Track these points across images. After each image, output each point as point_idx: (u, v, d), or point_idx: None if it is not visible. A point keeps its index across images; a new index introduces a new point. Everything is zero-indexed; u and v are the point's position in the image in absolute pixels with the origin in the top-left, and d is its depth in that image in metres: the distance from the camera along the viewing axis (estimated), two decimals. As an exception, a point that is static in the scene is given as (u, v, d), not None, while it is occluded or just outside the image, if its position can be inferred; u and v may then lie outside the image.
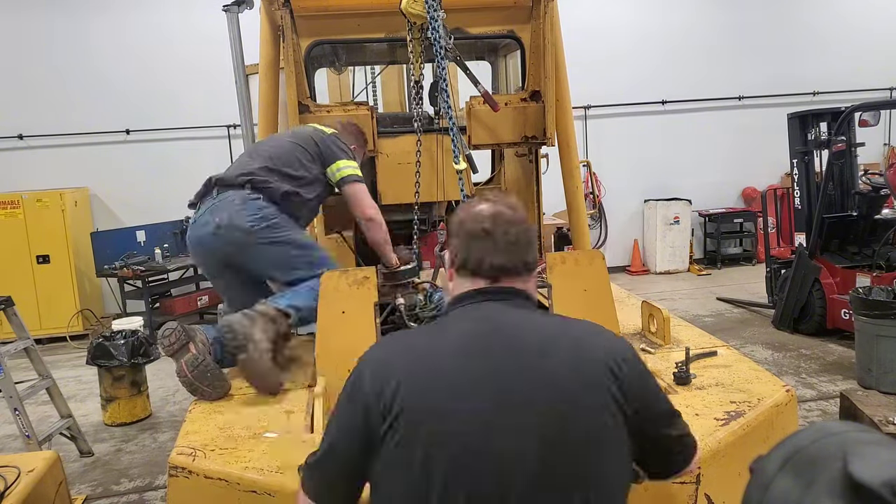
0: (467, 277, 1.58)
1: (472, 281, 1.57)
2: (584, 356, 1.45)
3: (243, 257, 3.21)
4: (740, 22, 10.56)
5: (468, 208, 1.63)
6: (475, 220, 1.56)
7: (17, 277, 8.04)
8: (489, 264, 1.54)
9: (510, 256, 1.55)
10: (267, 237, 3.15)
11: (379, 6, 3.82)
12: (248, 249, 3.16)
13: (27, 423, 4.50)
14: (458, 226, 1.60)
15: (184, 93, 9.18)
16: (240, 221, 3.12)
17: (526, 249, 1.58)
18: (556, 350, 1.45)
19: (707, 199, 10.68)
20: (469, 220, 1.58)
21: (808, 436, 0.89)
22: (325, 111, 3.92)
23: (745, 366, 2.89)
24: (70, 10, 9.10)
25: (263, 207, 3.17)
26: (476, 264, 1.55)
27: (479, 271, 1.55)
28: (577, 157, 4.38)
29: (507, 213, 1.57)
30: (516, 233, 1.56)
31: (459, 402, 1.39)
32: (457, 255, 1.59)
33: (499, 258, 1.54)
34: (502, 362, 1.42)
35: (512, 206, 1.61)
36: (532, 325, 1.53)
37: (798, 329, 6.85)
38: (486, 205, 1.60)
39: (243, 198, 3.17)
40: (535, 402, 1.38)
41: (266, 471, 2.15)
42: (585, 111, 10.21)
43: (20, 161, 9.17)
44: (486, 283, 1.55)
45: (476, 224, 1.56)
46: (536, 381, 1.41)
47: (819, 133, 6.82)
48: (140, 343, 5.55)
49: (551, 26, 3.90)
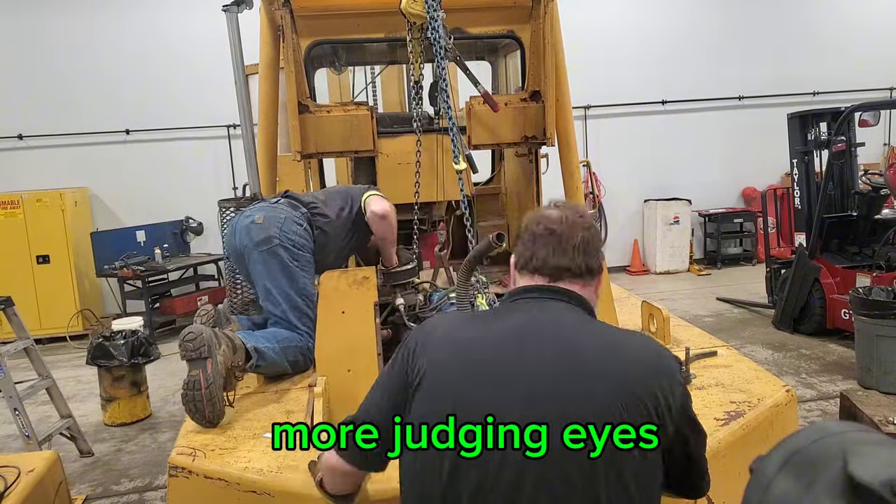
0: (528, 276, 1.58)
1: (531, 279, 1.57)
2: (630, 372, 1.40)
3: (248, 260, 3.19)
4: (740, 22, 10.56)
5: (537, 213, 1.64)
6: (543, 221, 1.58)
7: (16, 277, 8.05)
8: (553, 265, 1.54)
9: (574, 259, 1.54)
10: (276, 256, 3.11)
11: (379, 6, 3.82)
12: (251, 254, 3.15)
13: (27, 423, 4.50)
14: (524, 228, 1.62)
15: (184, 93, 9.18)
16: (270, 228, 3.13)
17: (591, 254, 1.57)
18: (600, 361, 1.41)
19: (707, 199, 10.69)
20: (536, 221, 1.60)
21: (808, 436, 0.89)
22: (325, 111, 3.92)
23: (745, 366, 2.89)
24: (70, 10, 9.10)
25: (300, 234, 3.18)
26: (540, 263, 1.55)
27: (541, 270, 1.56)
28: (577, 157, 4.37)
29: (575, 217, 1.58)
30: (582, 237, 1.56)
31: (480, 393, 1.39)
32: (520, 255, 1.60)
33: (562, 259, 1.54)
34: (537, 365, 1.40)
35: (580, 212, 1.62)
36: (579, 331, 1.49)
37: (798, 329, 6.85)
38: (554, 210, 1.61)
39: (290, 216, 3.21)
40: (566, 415, 1.34)
41: (266, 471, 2.15)
42: (585, 111, 10.21)
43: (20, 161, 9.18)
44: (547, 280, 1.55)
45: (543, 225, 1.57)
46: (570, 391, 1.36)
47: (819, 133, 6.82)
48: (140, 343, 5.55)
49: (551, 26, 3.89)
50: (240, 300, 3.65)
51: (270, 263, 3.10)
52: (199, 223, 9.30)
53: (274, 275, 3.09)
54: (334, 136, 3.90)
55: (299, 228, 3.19)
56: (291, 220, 3.18)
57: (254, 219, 3.17)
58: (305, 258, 3.18)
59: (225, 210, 3.67)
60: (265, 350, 2.87)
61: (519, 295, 1.57)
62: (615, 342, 1.48)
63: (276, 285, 3.08)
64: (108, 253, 8.32)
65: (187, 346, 2.58)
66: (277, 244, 3.10)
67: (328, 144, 3.93)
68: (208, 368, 2.55)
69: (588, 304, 1.58)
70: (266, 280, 3.10)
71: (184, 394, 2.53)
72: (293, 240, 3.14)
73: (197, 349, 2.57)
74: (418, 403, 1.47)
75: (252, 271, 3.18)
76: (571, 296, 1.55)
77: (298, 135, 3.83)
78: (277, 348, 2.94)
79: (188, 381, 2.53)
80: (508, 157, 5.02)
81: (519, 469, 1.33)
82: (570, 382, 1.38)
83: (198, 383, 2.52)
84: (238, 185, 9.20)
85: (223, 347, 2.66)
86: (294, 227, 3.17)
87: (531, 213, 1.67)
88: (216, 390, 2.53)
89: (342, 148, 4.01)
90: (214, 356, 2.59)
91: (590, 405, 1.34)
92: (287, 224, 3.16)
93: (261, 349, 2.85)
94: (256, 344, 2.85)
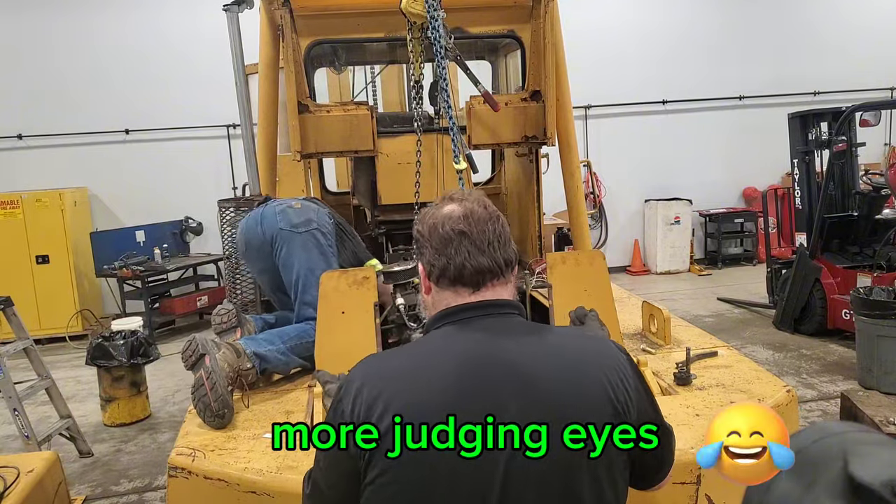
0: (448, 288, 1.44)
1: (454, 291, 1.44)
2: (584, 378, 1.36)
3: (283, 243, 3.17)
4: (740, 22, 10.56)
5: (436, 213, 1.47)
6: (448, 222, 1.43)
7: (16, 277, 8.04)
8: (473, 269, 1.41)
9: (492, 256, 1.42)
10: (315, 239, 3.16)
11: (379, 6, 3.82)
12: (288, 238, 3.15)
13: (26, 423, 4.50)
14: (428, 231, 1.46)
15: (184, 93, 9.18)
16: (309, 213, 3.22)
17: (504, 245, 1.45)
18: (555, 371, 1.35)
19: (707, 199, 10.69)
20: (440, 223, 1.44)
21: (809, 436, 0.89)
22: (325, 111, 3.92)
23: (745, 366, 2.89)
24: (70, 10, 9.10)
25: (330, 225, 3.29)
26: (458, 271, 1.42)
27: (461, 279, 1.42)
28: (578, 156, 4.37)
29: (479, 210, 1.45)
30: (493, 230, 1.44)
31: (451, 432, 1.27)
32: (433, 264, 1.44)
33: (480, 260, 1.41)
34: (499, 392, 1.31)
35: (481, 202, 1.48)
36: (527, 346, 1.39)
37: (799, 329, 6.84)
38: (454, 205, 1.47)
39: (321, 207, 3.35)
40: (564, 417, 1.29)
41: (266, 471, 2.15)
42: (585, 111, 10.21)
43: (20, 161, 9.18)
44: (470, 292, 1.43)
45: (449, 227, 1.43)
46: (535, 409, 1.30)
47: (820, 133, 6.83)
48: (139, 343, 5.54)
49: (551, 26, 3.89)
50: (240, 301, 3.65)
51: (310, 245, 3.15)
52: (198, 223, 9.30)
53: (314, 257, 3.14)
54: (334, 135, 3.90)
55: (329, 221, 3.31)
56: (323, 212, 3.31)
57: (290, 204, 3.25)
58: (333, 249, 3.27)
59: (225, 210, 3.67)
60: (267, 353, 2.88)
61: (449, 318, 1.42)
62: (563, 349, 1.43)
63: (316, 266, 3.10)
64: (107, 253, 8.32)
65: (186, 355, 2.68)
66: (316, 228, 3.18)
67: (328, 144, 3.93)
68: (207, 362, 2.61)
69: (519, 307, 1.49)
70: (305, 262, 3.13)
71: (193, 397, 2.57)
72: (328, 228, 3.25)
73: (193, 351, 2.66)
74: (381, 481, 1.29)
75: (288, 253, 3.13)
76: (502, 305, 1.44)
77: (298, 135, 3.83)
78: (283, 349, 2.94)
79: (193, 383, 2.57)
80: (509, 156, 5.01)
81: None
82: (534, 403, 1.30)
83: (200, 379, 2.56)
84: (238, 185, 9.20)
85: (223, 350, 2.71)
86: (326, 219, 3.29)
87: (428, 213, 1.50)
88: (219, 379, 2.55)
89: (342, 148, 4.01)
90: (212, 353, 2.65)
91: (557, 418, 1.29)
92: (321, 213, 3.27)
93: (261, 353, 2.85)
94: (257, 349, 2.85)
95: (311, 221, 3.17)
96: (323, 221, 3.24)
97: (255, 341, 2.92)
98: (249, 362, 2.78)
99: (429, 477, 1.27)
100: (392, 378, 1.35)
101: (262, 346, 2.89)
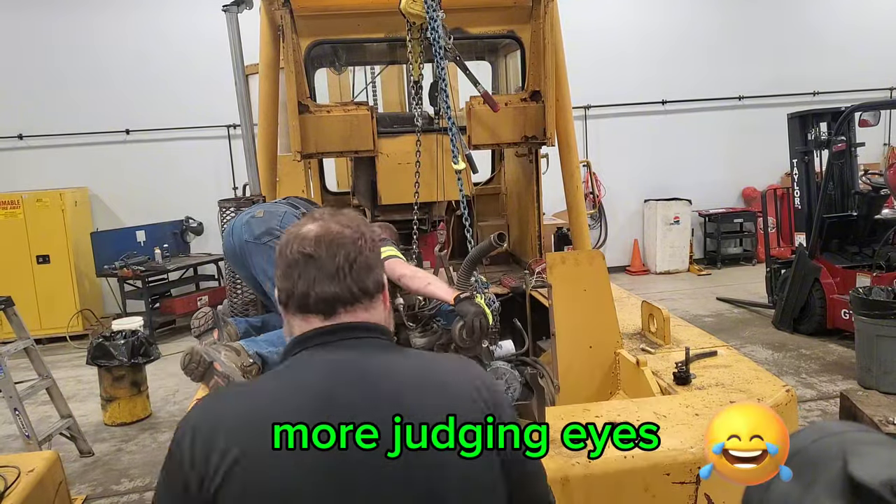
0: (298, 315, 1.30)
1: (303, 318, 1.30)
2: (451, 386, 1.29)
3: (249, 255, 3.18)
4: (740, 22, 10.56)
5: (293, 231, 1.34)
6: (296, 243, 1.29)
7: (16, 277, 8.04)
8: (318, 297, 1.26)
9: (342, 284, 1.27)
10: (261, 250, 3.08)
11: (378, 6, 3.82)
12: (251, 249, 3.14)
13: (27, 423, 4.50)
14: (278, 254, 1.33)
15: (184, 93, 9.18)
16: (271, 221, 3.15)
17: (361, 272, 1.29)
18: (425, 398, 1.25)
19: (707, 199, 10.69)
20: (289, 244, 1.31)
21: (808, 436, 0.89)
22: (325, 111, 3.92)
23: (745, 366, 2.90)
24: (70, 10, 9.10)
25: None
26: (302, 299, 1.27)
27: (307, 307, 1.28)
28: (577, 157, 4.38)
29: (334, 232, 1.29)
30: (345, 255, 1.28)
31: (311, 478, 1.17)
32: (280, 288, 1.31)
33: (328, 287, 1.26)
34: (356, 411, 1.20)
35: (343, 222, 1.32)
36: (393, 375, 1.27)
37: (798, 329, 6.85)
38: (312, 224, 1.32)
39: (289, 211, 3.23)
40: (410, 466, 1.18)
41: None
42: (585, 111, 10.21)
43: (20, 161, 9.18)
44: (321, 319, 1.28)
45: (296, 249, 1.29)
46: (390, 414, 1.20)
47: (819, 133, 6.83)
48: (140, 343, 5.55)
49: (551, 26, 3.90)
50: (240, 301, 3.65)
51: (272, 255, 3.10)
52: (199, 223, 9.30)
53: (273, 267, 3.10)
54: (334, 135, 3.91)
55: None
56: (291, 216, 3.18)
57: (253, 213, 3.18)
58: None
59: (225, 210, 3.67)
60: (268, 355, 2.88)
61: (306, 344, 1.29)
62: (431, 374, 1.33)
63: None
64: (108, 253, 8.32)
65: (190, 368, 2.65)
66: (277, 237, 3.11)
67: (328, 144, 3.94)
68: (219, 368, 2.61)
69: (383, 327, 1.35)
70: (271, 273, 3.10)
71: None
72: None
73: (199, 363, 2.64)
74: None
75: (254, 266, 3.14)
76: (359, 329, 1.30)
77: (298, 135, 3.83)
78: (281, 351, 2.94)
79: (210, 391, 2.61)
80: (508, 157, 5.02)
81: None
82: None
83: (217, 384, 2.59)
84: (238, 185, 9.20)
85: (224, 353, 2.73)
86: (292, 222, 3.19)
87: (288, 231, 1.36)
88: (237, 377, 2.57)
89: (342, 148, 4.02)
90: (218, 357, 2.66)
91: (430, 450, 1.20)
92: (287, 218, 3.15)
93: (263, 354, 2.86)
94: (259, 350, 2.86)
95: (273, 230, 3.08)
96: (289, 226, 3.17)
97: (256, 343, 2.93)
98: (250, 357, 2.80)
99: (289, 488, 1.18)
100: (235, 415, 1.23)
101: (262, 347, 2.90)
